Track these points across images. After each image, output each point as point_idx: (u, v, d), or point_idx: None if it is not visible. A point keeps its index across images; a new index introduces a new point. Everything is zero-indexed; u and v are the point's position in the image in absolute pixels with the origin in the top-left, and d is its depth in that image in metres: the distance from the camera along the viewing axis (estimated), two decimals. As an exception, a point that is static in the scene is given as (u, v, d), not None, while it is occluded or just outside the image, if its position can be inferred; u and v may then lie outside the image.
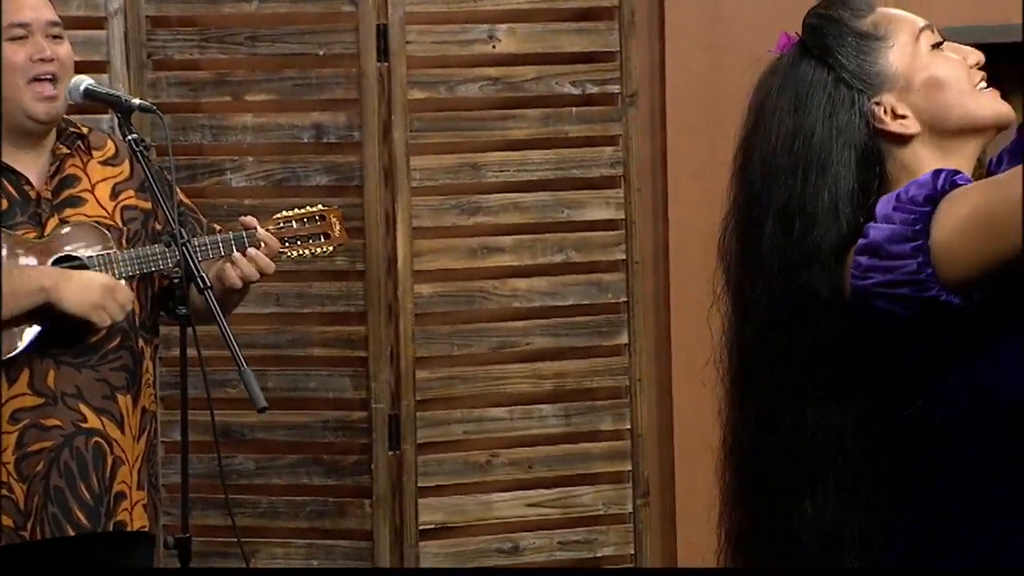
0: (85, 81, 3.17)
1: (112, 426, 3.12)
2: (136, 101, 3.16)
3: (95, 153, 3.23)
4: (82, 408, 3.09)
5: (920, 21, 1.95)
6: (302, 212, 3.33)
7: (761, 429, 1.92)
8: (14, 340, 3.06)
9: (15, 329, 3.06)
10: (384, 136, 3.97)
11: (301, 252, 3.32)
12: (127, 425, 3.14)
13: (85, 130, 3.24)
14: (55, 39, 3.15)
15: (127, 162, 3.23)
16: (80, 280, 3.06)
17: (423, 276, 4.02)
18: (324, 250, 3.36)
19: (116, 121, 3.21)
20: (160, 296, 3.25)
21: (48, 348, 3.08)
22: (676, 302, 4.09)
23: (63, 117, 3.18)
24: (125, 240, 3.18)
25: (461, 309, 4.04)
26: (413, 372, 3.99)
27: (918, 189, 1.79)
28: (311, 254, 3.34)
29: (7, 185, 3.13)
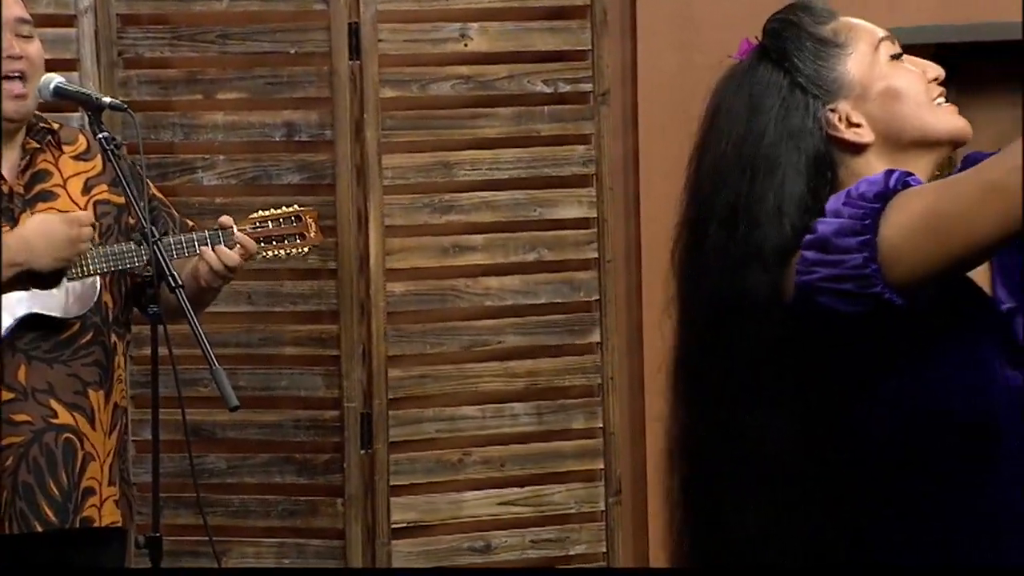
0: (55, 79, 3.15)
1: (83, 421, 3.11)
2: (107, 99, 3.15)
3: (66, 148, 3.22)
4: (53, 404, 3.08)
5: (880, 31, 1.93)
6: (278, 212, 3.33)
7: (702, 431, 1.91)
8: None
9: None
10: (356, 134, 3.97)
11: (276, 252, 3.32)
12: (98, 421, 3.13)
13: (56, 126, 3.23)
14: (24, 37, 3.13)
15: (99, 157, 3.21)
16: (42, 234, 3.06)
17: (395, 275, 4.01)
18: (300, 251, 3.36)
19: (87, 120, 3.20)
20: (132, 292, 3.25)
21: (18, 342, 3.07)
22: (648, 300, 4.09)
23: (34, 113, 3.17)
24: (98, 234, 3.17)
25: (433, 308, 4.04)
26: (385, 371, 3.99)
27: (869, 186, 1.77)
28: (286, 254, 3.34)
29: (-23, 181, 3.12)
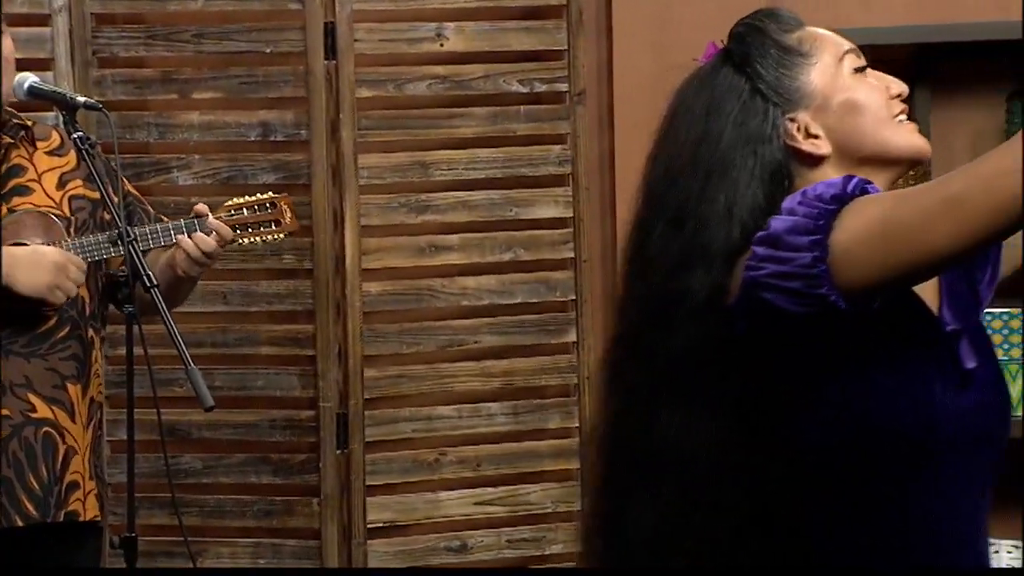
0: (29, 79, 3.15)
1: (63, 415, 3.10)
2: (81, 99, 3.14)
3: (40, 144, 3.21)
4: (31, 398, 3.08)
5: (846, 44, 1.92)
6: (252, 200, 3.34)
7: (614, 426, 1.90)
8: None
9: None
10: (332, 134, 3.97)
11: (252, 239, 3.33)
12: (77, 414, 3.13)
13: (29, 122, 3.22)
14: None
15: (72, 152, 3.21)
16: (31, 260, 3.04)
17: (371, 274, 4.01)
18: (275, 237, 3.37)
19: (61, 119, 3.20)
20: (107, 290, 3.25)
21: None
22: (624, 300, 4.09)
23: (6, 109, 3.16)
24: (73, 229, 3.17)
25: (409, 307, 4.04)
26: (361, 370, 3.98)
27: (827, 188, 1.75)
28: (262, 241, 3.35)
29: (-48, 178, 3.11)
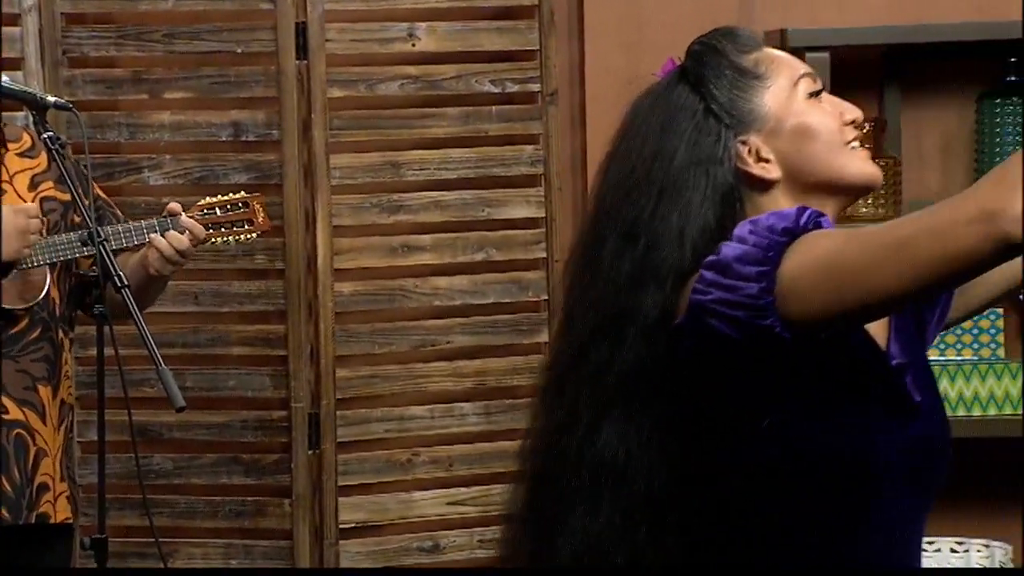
0: (-1, 78, 3.14)
1: (34, 417, 3.09)
2: (51, 99, 3.13)
3: (10, 146, 3.20)
4: (3, 400, 3.07)
5: (803, 67, 1.90)
6: (225, 199, 3.34)
7: (555, 438, 1.87)
8: None
9: None
10: (304, 134, 3.96)
11: (225, 239, 3.33)
12: (48, 416, 3.11)
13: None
14: None
15: (44, 154, 3.20)
16: None
17: (343, 274, 4.00)
18: (248, 237, 3.36)
19: (31, 119, 3.18)
20: (77, 292, 3.23)
21: None
22: (596, 300, 4.10)
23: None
24: (45, 231, 3.16)
25: (382, 308, 4.03)
26: (333, 371, 3.98)
27: (779, 219, 1.74)
28: (235, 241, 3.35)
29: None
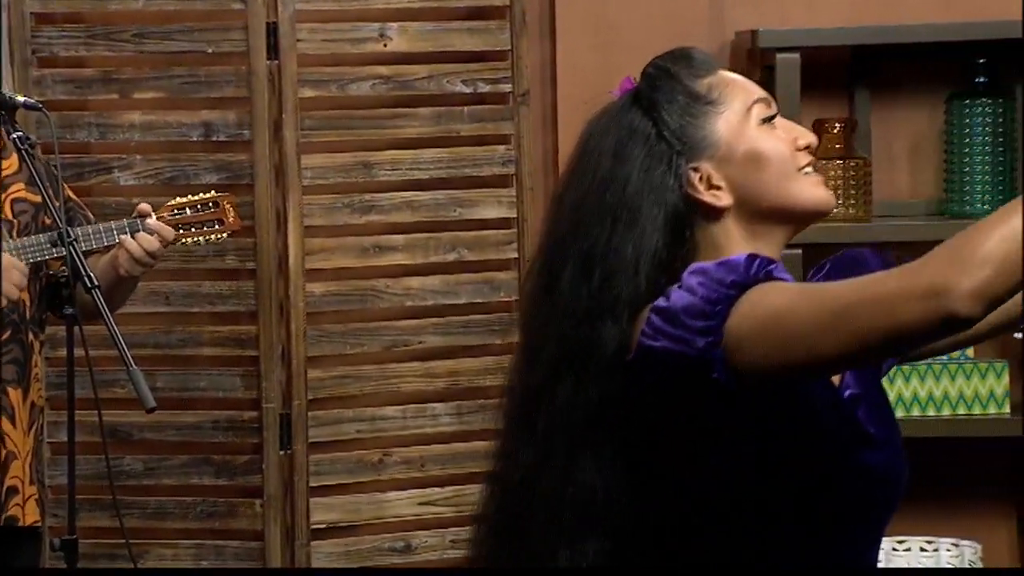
0: (-33, 78, 3.12)
1: (4, 420, 3.08)
2: (21, 98, 3.12)
3: (-21, 147, 3.19)
4: None
5: (757, 92, 1.88)
6: (195, 199, 3.33)
7: (530, 474, 1.84)
8: None
9: None
10: (275, 134, 3.95)
11: (195, 239, 3.31)
12: (18, 419, 3.10)
13: (-31, 126, 3.20)
14: None
15: (14, 156, 3.18)
16: None
17: (315, 275, 4.00)
18: (218, 236, 3.35)
19: (0, 119, 3.17)
20: (47, 293, 3.22)
21: None
22: (568, 301, 4.10)
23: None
24: (16, 233, 3.15)
25: (353, 308, 4.03)
26: (305, 371, 3.97)
27: (729, 271, 1.72)
28: (205, 241, 3.34)
29: None
